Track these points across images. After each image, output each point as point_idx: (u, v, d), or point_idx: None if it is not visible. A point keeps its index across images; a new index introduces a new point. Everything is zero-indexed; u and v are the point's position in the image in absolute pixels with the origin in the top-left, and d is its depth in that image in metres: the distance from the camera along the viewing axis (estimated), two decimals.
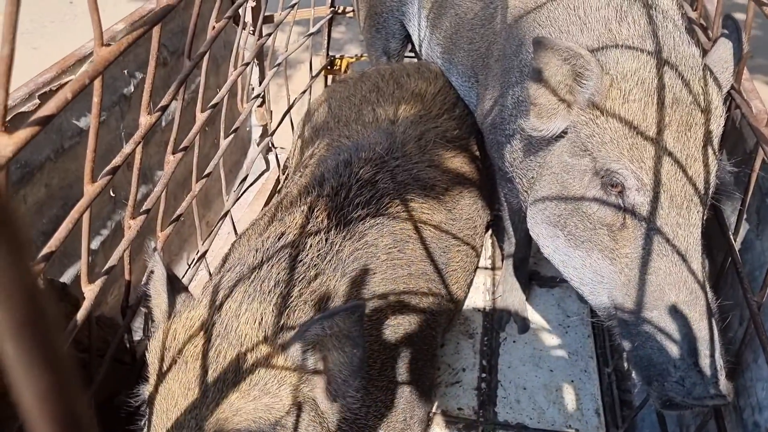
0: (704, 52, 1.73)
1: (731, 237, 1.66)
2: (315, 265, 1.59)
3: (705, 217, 1.57)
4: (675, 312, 1.47)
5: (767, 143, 1.48)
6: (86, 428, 0.21)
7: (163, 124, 2.39)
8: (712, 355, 1.45)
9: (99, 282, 1.46)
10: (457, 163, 2.21)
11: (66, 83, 1.78)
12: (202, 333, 1.36)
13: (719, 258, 1.75)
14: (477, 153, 2.36)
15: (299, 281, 1.53)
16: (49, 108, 1.07)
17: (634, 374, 2.32)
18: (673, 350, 1.46)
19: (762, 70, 5.12)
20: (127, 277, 1.67)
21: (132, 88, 2.23)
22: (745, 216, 1.65)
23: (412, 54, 3.20)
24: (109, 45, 1.22)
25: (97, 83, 1.23)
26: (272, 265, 1.54)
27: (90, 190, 1.32)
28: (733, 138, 1.89)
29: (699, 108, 1.53)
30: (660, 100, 1.51)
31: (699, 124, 1.52)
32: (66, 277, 1.92)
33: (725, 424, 1.63)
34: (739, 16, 1.73)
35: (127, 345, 1.76)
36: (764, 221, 1.67)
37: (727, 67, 1.64)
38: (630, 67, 1.55)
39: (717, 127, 1.57)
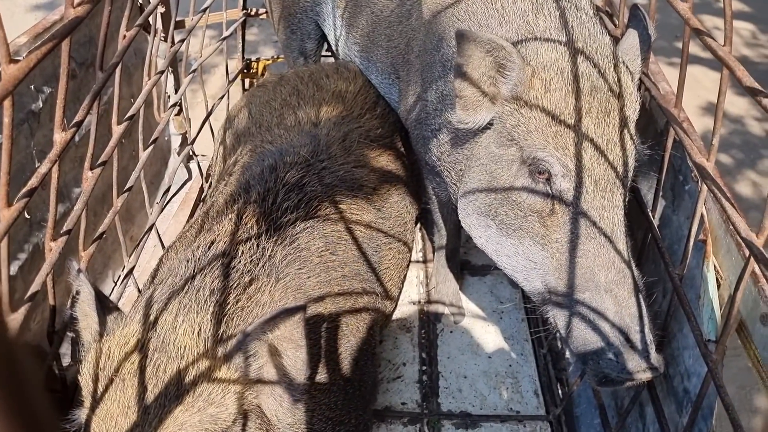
0: (612, 38, 1.79)
1: (650, 214, 1.73)
2: (249, 271, 1.56)
3: (627, 199, 1.63)
4: (605, 292, 1.53)
5: (677, 123, 1.56)
6: None
7: (77, 138, 2.29)
8: (642, 331, 1.51)
9: (23, 309, 1.39)
10: (383, 161, 2.21)
11: None
12: (138, 349, 1.31)
13: (640, 235, 1.83)
14: (402, 150, 2.38)
15: (234, 288, 1.50)
16: None
17: (568, 354, 2.41)
18: (606, 329, 1.52)
19: (663, 52, 5.36)
20: (51, 301, 1.59)
21: (41, 104, 2.13)
22: (661, 193, 1.72)
23: (329, 53, 3.18)
24: (16, 60, 1.16)
25: (7, 103, 1.16)
26: (206, 274, 1.50)
27: (6, 214, 1.25)
28: (644, 119, 1.97)
29: (615, 94, 1.59)
30: (579, 89, 1.56)
31: (616, 110, 1.58)
32: None
33: (657, 393, 1.71)
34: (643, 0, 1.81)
35: (56, 372, 1.68)
36: (679, 197, 1.75)
37: (638, 55, 1.71)
38: (549, 57, 1.59)
39: (633, 111, 1.63)
